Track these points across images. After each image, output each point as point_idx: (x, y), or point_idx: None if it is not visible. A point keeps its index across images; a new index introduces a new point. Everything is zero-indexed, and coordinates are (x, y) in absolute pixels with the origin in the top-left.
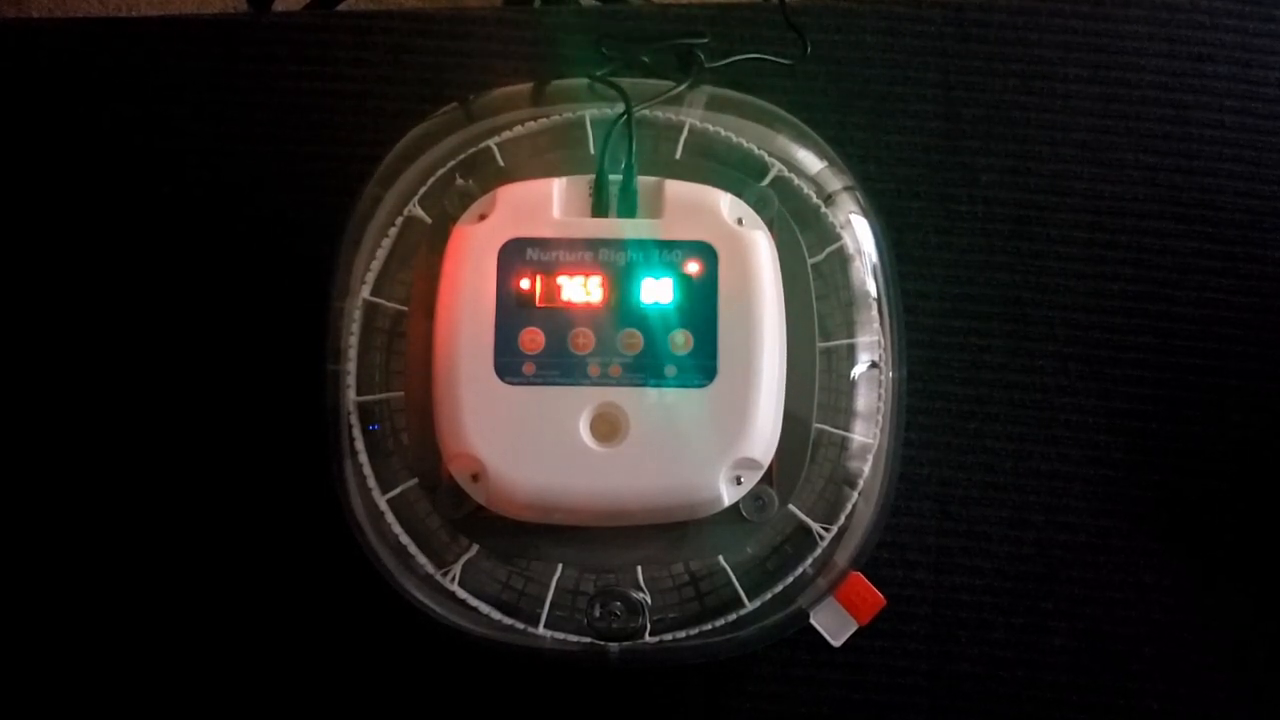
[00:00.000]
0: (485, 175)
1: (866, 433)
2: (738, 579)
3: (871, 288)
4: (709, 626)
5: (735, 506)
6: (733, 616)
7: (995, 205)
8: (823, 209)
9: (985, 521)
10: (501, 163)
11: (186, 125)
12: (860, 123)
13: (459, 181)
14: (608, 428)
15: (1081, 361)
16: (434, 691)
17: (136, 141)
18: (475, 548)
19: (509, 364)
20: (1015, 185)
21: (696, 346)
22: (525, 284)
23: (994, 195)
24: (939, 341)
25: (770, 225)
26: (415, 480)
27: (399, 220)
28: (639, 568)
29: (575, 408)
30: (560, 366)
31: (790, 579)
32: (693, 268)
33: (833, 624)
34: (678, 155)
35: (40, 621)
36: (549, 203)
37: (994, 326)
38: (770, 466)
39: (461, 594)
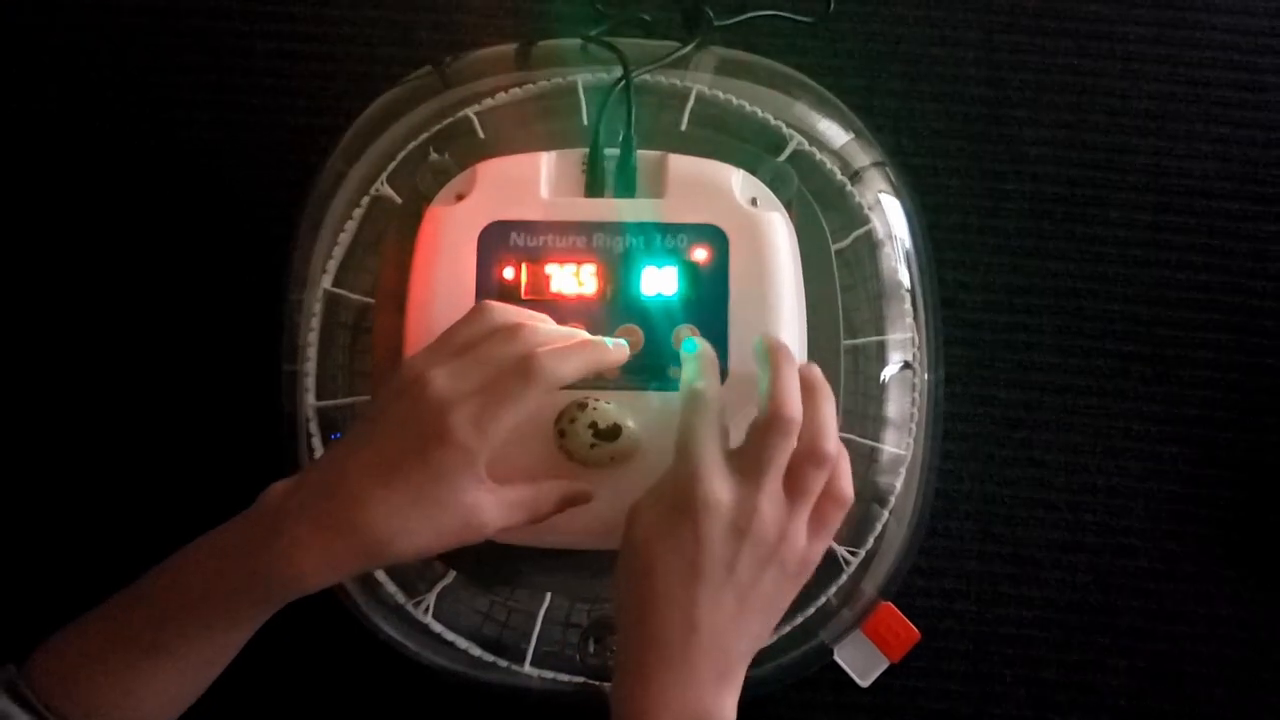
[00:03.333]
0: (463, 149)
1: (898, 443)
2: None
3: (904, 277)
4: None
5: None
6: None
7: (1046, 183)
8: (848, 187)
9: (1034, 544)
10: (482, 135)
11: (120, 95)
12: (892, 89)
13: (433, 156)
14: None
15: (1144, 362)
16: None
17: (65, 117)
18: (451, 574)
19: None
20: (1068, 160)
21: None
22: (509, 273)
23: (1044, 172)
24: (981, 339)
25: (788, 206)
26: None
27: (364, 200)
28: None
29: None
30: None
31: (811, 610)
32: (700, 254)
33: (860, 661)
34: (683, 126)
35: None
36: (536, 180)
37: (1044, 322)
38: None
39: (436, 627)
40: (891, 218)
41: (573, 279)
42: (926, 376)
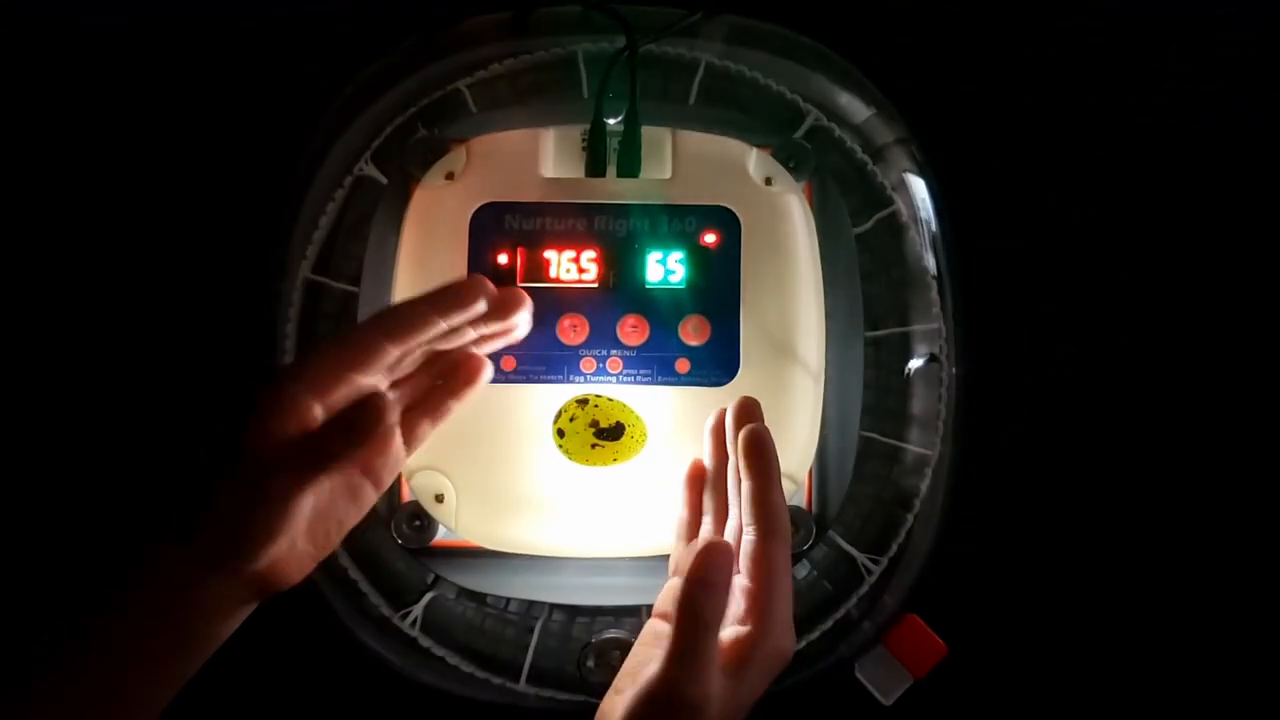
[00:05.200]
0: (454, 124)
1: (924, 442)
2: None
3: (930, 263)
4: None
5: None
6: None
7: (1086, 159)
8: (870, 166)
9: (1072, 552)
10: (474, 109)
11: (85, 71)
12: (918, 59)
13: (422, 132)
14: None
15: (1204, 349)
16: None
17: (29, 99)
18: (442, 583)
19: None
20: (1113, 133)
21: (715, 336)
22: (503, 258)
23: (1084, 147)
24: (1014, 330)
25: (805, 186)
26: None
27: (347, 181)
28: (644, 608)
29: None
30: (546, 361)
31: (830, 623)
32: (710, 238)
33: (883, 678)
34: (692, 100)
35: None
36: (533, 159)
37: (1083, 312)
38: (805, 483)
39: (424, 641)
40: (917, 199)
41: (572, 265)
42: (954, 370)
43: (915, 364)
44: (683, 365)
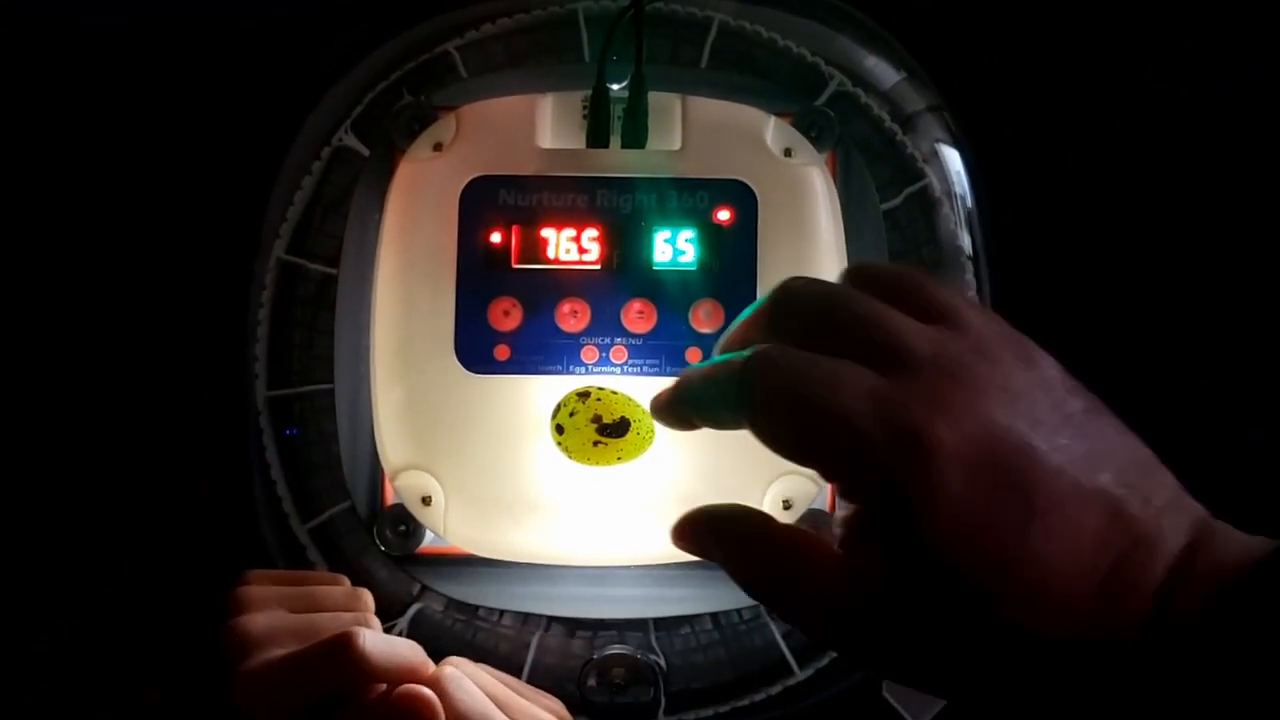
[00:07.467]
0: (443, 90)
1: None
2: (784, 638)
3: (965, 242)
4: (746, 702)
5: None
6: (778, 688)
7: (1149, 122)
8: (899, 136)
9: None
10: (465, 73)
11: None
12: (951, 18)
13: (407, 98)
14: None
15: (1241, 348)
16: None
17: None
18: (428, 594)
19: (475, 346)
20: (1161, 105)
21: (729, 323)
22: (497, 238)
23: (1147, 108)
24: (1057, 315)
25: (829, 158)
26: (348, 504)
27: (325, 152)
28: (650, 622)
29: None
30: (544, 349)
31: None
32: (724, 215)
33: (913, 697)
34: (703, 63)
35: None
36: (529, 128)
37: (1143, 298)
38: (828, 484)
39: None
40: (951, 171)
41: (572, 244)
42: None
43: None
44: (694, 355)
